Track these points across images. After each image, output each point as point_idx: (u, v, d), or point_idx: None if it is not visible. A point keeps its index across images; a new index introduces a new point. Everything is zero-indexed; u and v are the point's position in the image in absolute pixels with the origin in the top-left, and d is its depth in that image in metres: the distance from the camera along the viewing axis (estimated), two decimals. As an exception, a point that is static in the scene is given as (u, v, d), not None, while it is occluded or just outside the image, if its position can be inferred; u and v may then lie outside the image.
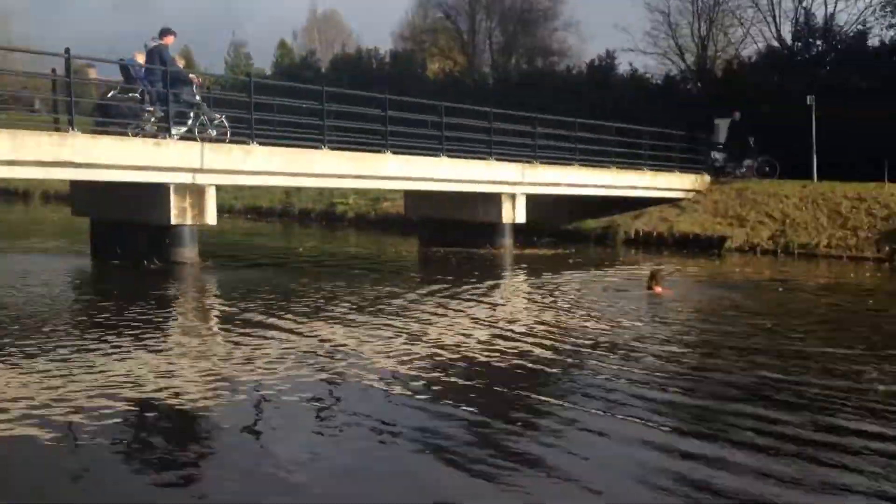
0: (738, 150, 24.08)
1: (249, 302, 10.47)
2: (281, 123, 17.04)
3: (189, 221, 13.96)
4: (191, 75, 16.19)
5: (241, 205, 30.80)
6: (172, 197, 13.75)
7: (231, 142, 15.14)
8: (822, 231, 20.02)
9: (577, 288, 12.81)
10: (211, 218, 14.28)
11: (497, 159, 19.51)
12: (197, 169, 14.08)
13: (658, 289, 11.73)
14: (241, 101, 16.09)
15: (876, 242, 19.18)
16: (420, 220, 21.52)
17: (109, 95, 14.75)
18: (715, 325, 9.76)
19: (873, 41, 27.06)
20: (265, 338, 8.15)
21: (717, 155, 24.52)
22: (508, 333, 8.70)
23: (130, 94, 14.48)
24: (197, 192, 14.09)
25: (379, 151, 17.29)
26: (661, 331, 9.14)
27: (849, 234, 19.65)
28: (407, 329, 8.81)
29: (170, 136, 14.08)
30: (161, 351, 7.63)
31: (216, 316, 10.06)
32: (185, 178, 13.98)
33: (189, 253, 14.05)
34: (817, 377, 7.13)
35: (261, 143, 15.28)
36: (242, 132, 15.30)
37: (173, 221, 13.76)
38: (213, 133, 15.24)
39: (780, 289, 13.58)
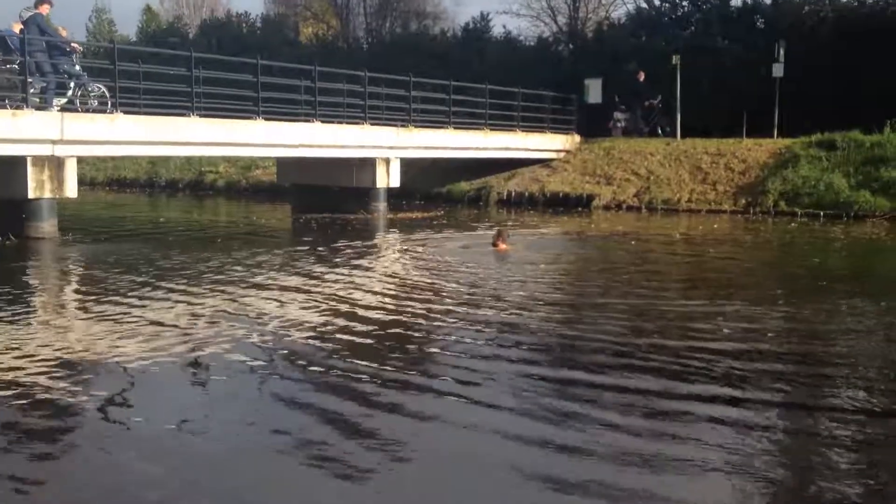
0: (645, 111, 24.54)
1: (111, 275, 10.23)
2: (148, 91, 16.54)
3: (48, 195, 13.46)
4: (73, 44, 15.57)
5: (104, 176, 29.78)
6: (30, 169, 13.21)
7: (96, 111, 14.69)
8: (684, 187, 20.96)
9: (436, 247, 13.20)
10: (71, 191, 13.81)
11: (371, 124, 19.50)
12: (56, 140, 13.56)
13: (502, 246, 12.31)
14: (106, 69, 15.56)
15: (733, 196, 20.23)
16: (293, 187, 21.36)
17: None
18: (545, 282, 10.03)
19: (736, 1, 28.21)
20: (127, 312, 8.00)
21: (619, 115, 24.99)
22: (351, 297, 8.79)
23: (9, 66, 13.93)
24: (56, 164, 13.58)
25: (250, 118, 17.03)
26: (498, 287, 9.43)
27: (708, 189, 20.65)
28: (261, 298, 8.81)
29: (51, 107, 13.59)
30: (15, 325, 7.41)
31: (75, 290, 9.80)
32: (44, 150, 13.45)
33: (48, 227, 13.55)
34: (659, 335, 7.38)
35: (125, 112, 14.84)
36: (128, 101, 14.89)
37: (31, 195, 13.23)
38: (95, 103, 14.87)
39: (633, 242, 14.25)
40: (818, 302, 8.68)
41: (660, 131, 24.13)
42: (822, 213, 18.47)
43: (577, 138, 24.55)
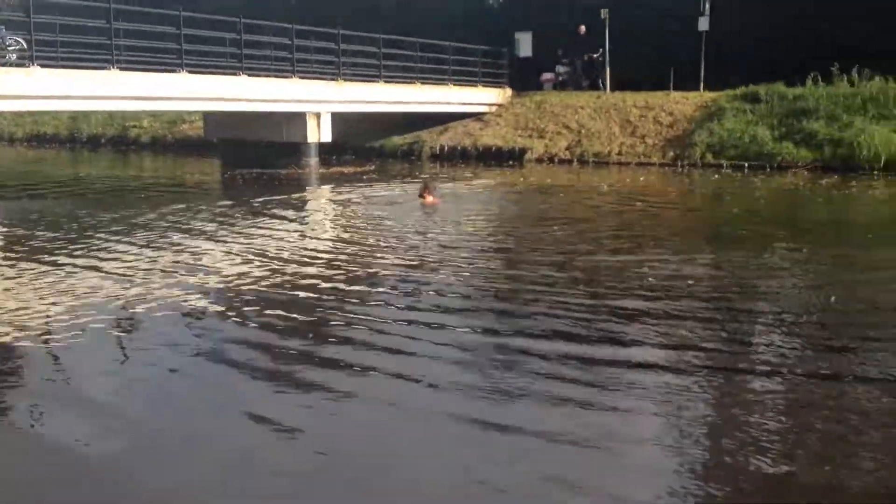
0: (586, 64, 24.36)
1: (33, 232, 9.96)
2: (67, 45, 15.95)
3: (-37, 151, 12.98)
4: None
5: (24, 132, 28.80)
6: (-58, 125, 12.72)
7: (15, 66, 14.15)
8: (613, 140, 21.17)
9: (363, 202, 13.21)
10: (-12, 147, 13.34)
11: (301, 77, 19.16)
12: (-30, 94, 13.05)
13: (429, 199, 12.37)
14: (21, 21, 14.92)
15: (662, 149, 20.52)
16: (221, 142, 20.96)
17: None
18: (467, 235, 10.06)
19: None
20: (53, 269, 7.81)
21: (560, 69, 24.88)
22: (281, 255, 8.73)
23: None
24: (-30, 119, 13.08)
25: (174, 71, 16.57)
26: (419, 241, 9.47)
27: (638, 142, 20.90)
28: (188, 253, 8.69)
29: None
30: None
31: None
32: (-44, 105, 12.94)
33: (-36, 185, 13.11)
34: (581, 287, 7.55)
35: (42, 66, 14.30)
36: (45, 55, 14.33)
37: (-56, 151, 12.76)
38: (14, 58, 14.39)
39: (561, 195, 14.43)
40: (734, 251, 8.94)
41: (601, 84, 24.08)
42: (746, 165, 18.88)
43: (509, 92, 24.54)
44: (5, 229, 10.72)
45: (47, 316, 6.18)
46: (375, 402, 4.55)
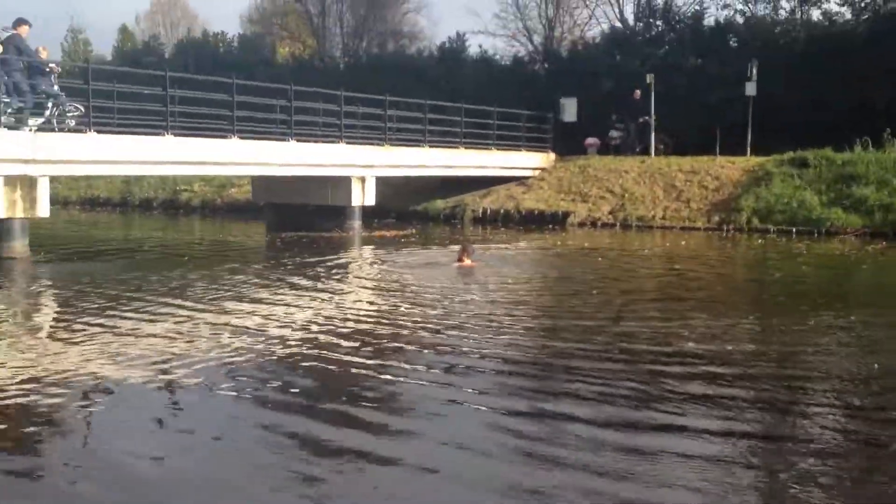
0: (639, 129, 24.46)
1: (83, 295, 10.13)
2: (123, 111, 16.51)
3: (20, 214, 13.34)
4: (51, 65, 15.55)
5: (78, 196, 29.60)
6: (2, 189, 13.11)
7: (73, 131, 14.68)
8: (658, 204, 21.12)
9: (403, 265, 13.35)
10: (43, 210, 13.71)
11: (347, 142, 19.54)
12: (29, 159, 13.48)
13: (466, 262, 12.51)
14: (80, 88, 15.50)
15: (707, 213, 20.42)
16: (268, 206, 21.33)
17: None
18: (500, 300, 10.07)
19: (709, 21, 28.57)
20: (101, 332, 7.93)
21: (614, 134, 25.02)
22: (319, 317, 8.82)
23: None
24: (28, 183, 13.49)
25: (225, 137, 17.01)
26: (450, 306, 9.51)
27: (682, 206, 20.82)
28: (230, 316, 8.79)
29: (27, 127, 13.68)
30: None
31: (47, 311, 9.72)
32: (16, 170, 13.35)
33: (20, 247, 13.42)
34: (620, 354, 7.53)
35: (98, 132, 14.79)
36: (102, 120, 14.87)
37: (3, 215, 13.11)
38: (73, 123, 14.92)
39: (600, 259, 14.39)
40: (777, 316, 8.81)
41: (661, 146, 24.05)
42: (794, 230, 18.66)
43: (553, 156, 24.70)
44: (49, 294, 10.92)
45: (94, 377, 6.27)
46: (415, 469, 4.53)
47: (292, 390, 6.00)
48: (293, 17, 42.03)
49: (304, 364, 6.72)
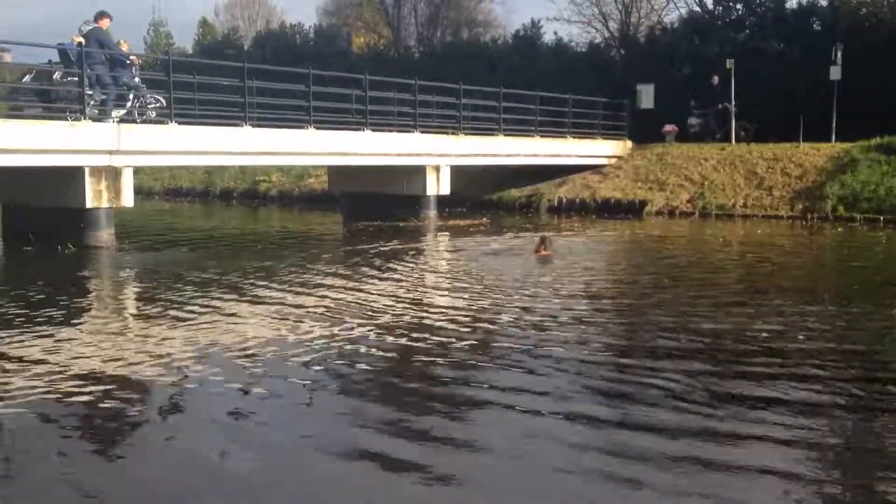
0: (719, 115, 23.98)
1: (168, 284, 10.40)
2: (203, 102, 16.85)
3: (105, 204, 13.75)
4: (132, 57, 15.97)
5: (161, 186, 30.38)
6: (88, 180, 13.52)
7: (154, 122, 15.05)
8: (738, 192, 20.62)
9: (481, 253, 13.42)
10: (128, 200, 14.09)
11: (422, 131, 19.57)
12: (113, 150, 13.86)
13: (544, 252, 12.62)
14: (162, 80, 15.86)
15: (790, 201, 19.85)
16: (344, 195, 21.52)
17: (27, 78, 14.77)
18: (575, 288, 9.94)
19: (791, 4, 27.70)
20: (188, 319, 8.12)
21: (693, 121, 24.56)
22: (396, 306, 8.87)
23: (70, 79, 14.37)
24: (113, 173, 13.88)
25: (302, 127, 17.21)
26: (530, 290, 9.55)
27: (764, 194, 20.28)
28: (315, 304, 8.89)
29: (110, 119, 14.04)
30: (83, 332, 7.57)
31: (131, 298, 10.00)
32: (101, 161, 13.75)
33: (105, 236, 13.83)
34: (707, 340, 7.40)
35: (180, 123, 15.12)
36: (182, 112, 15.24)
37: (89, 205, 13.53)
38: (154, 115, 15.28)
39: (671, 246, 14.24)
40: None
41: (742, 133, 23.47)
42: (881, 219, 18.00)
43: (629, 144, 24.33)
44: (135, 283, 11.20)
45: (177, 361, 6.43)
46: (501, 456, 4.53)
47: (366, 377, 6.04)
48: (369, 8, 42.27)
49: (376, 349, 6.77)
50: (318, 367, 6.31)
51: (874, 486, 4.18)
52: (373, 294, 9.43)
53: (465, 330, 7.54)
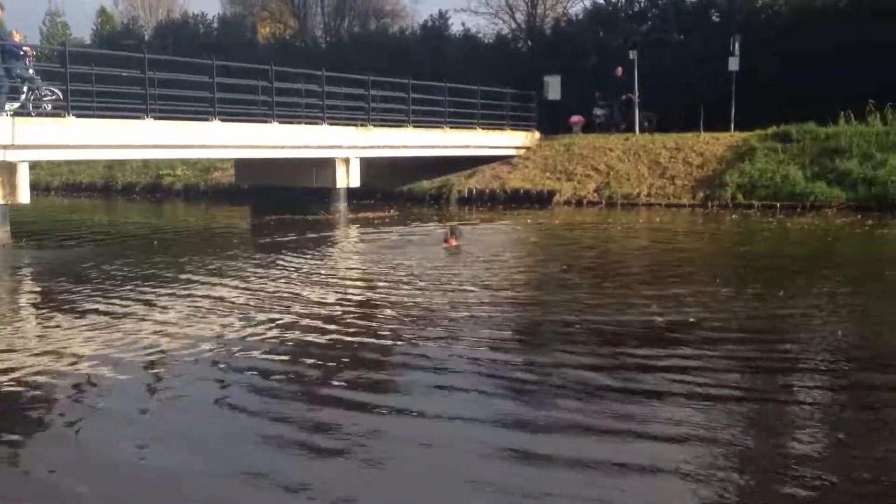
0: (623, 106, 24.28)
1: (64, 281, 10.04)
2: (102, 94, 16.32)
3: (0, 201, 13.22)
4: (25, 48, 15.29)
5: (59, 182, 29.37)
6: (-20, 175, 12.98)
7: (50, 115, 14.50)
8: (643, 181, 21.12)
9: (389, 246, 13.50)
10: (24, 196, 13.58)
11: (330, 123, 19.40)
12: (7, 145, 13.32)
13: (453, 242, 12.79)
14: (58, 72, 15.30)
15: (692, 189, 20.44)
16: (252, 189, 21.19)
17: None
18: (480, 276, 10.09)
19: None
20: (83, 317, 7.86)
21: (598, 112, 24.82)
22: (308, 297, 8.84)
23: None
24: (8, 169, 13.35)
25: (207, 120, 16.85)
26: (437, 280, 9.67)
27: (667, 183, 20.83)
28: (214, 299, 8.73)
29: (3, 112, 13.46)
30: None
31: (29, 297, 9.63)
32: (-5, 155, 13.22)
33: (1, 234, 13.32)
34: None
35: (78, 116, 14.61)
36: (81, 105, 14.71)
37: (-19, 201, 13.02)
38: (49, 108, 14.73)
39: (577, 231, 14.61)
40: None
41: (646, 123, 23.92)
42: (778, 205, 18.70)
43: (538, 135, 24.63)
44: (29, 281, 10.82)
45: (77, 362, 6.22)
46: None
47: (276, 373, 5.97)
48: (274, -2, 41.64)
49: (286, 344, 6.69)
50: (216, 365, 6.21)
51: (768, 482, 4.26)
52: (271, 290, 9.27)
53: (362, 324, 7.51)
